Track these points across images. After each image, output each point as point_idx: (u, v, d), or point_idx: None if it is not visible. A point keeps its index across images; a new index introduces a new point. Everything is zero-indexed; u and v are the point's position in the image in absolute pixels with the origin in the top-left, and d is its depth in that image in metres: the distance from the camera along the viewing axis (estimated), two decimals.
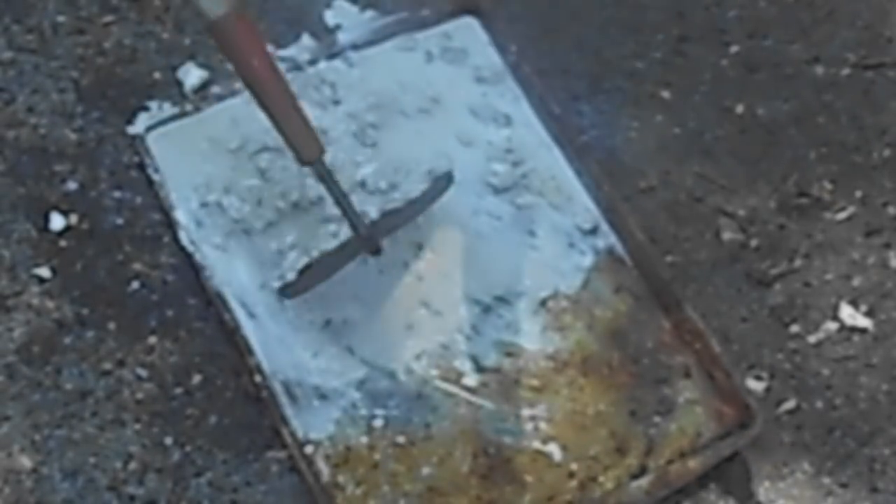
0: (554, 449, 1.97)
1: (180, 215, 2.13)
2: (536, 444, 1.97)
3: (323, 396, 2.01)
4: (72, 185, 2.19)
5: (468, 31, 2.31)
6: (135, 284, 2.12)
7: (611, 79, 2.33)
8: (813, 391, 2.08)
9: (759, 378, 2.09)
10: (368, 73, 2.26)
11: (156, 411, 2.03)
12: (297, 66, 2.25)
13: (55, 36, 2.32)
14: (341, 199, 1.99)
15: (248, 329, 2.05)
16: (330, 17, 2.33)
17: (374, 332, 2.05)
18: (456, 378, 2.00)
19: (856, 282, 2.17)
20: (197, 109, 2.23)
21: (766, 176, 2.26)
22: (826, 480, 2.02)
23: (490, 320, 2.06)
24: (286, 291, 2.04)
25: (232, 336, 2.05)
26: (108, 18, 2.35)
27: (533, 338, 2.05)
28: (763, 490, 2.01)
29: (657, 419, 2.00)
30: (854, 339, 2.12)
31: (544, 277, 2.09)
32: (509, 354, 2.03)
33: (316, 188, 2.13)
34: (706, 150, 2.28)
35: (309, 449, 1.97)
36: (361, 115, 2.21)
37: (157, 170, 2.17)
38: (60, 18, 2.34)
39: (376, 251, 2.06)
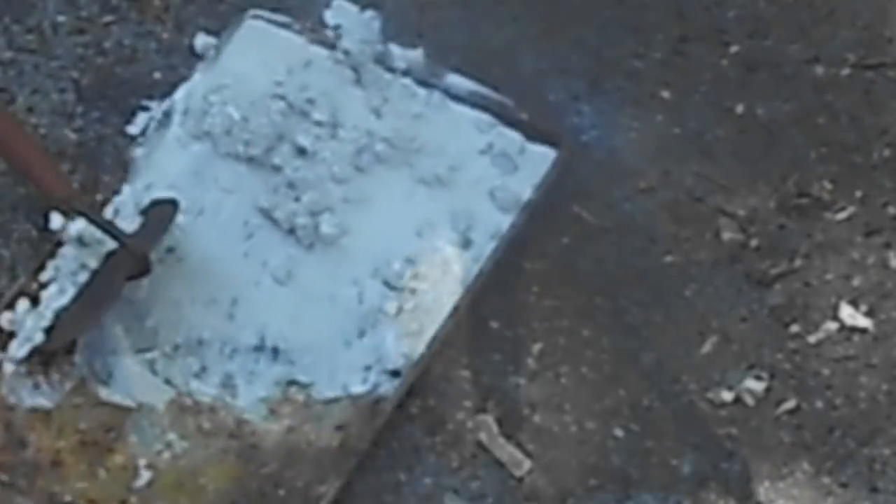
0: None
1: (181, 91, 2.20)
2: None
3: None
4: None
5: (540, 158, 2.21)
6: None
7: (611, 79, 2.33)
8: (813, 391, 2.08)
9: (759, 378, 2.09)
10: (426, 117, 2.23)
11: None
12: (389, 69, 2.25)
13: (55, 36, 2.32)
14: (105, 224, 1.99)
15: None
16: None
17: (127, 314, 2.05)
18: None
19: (856, 282, 2.17)
20: (296, 32, 2.27)
21: (766, 176, 2.26)
22: (826, 480, 2.02)
23: (178, 362, 2.03)
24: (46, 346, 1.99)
25: None
26: (108, 18, 2.35)
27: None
28: (763, 490, 2.01)
29: None
30: (854, 339, 2.12)
31: (275, 372, 2.04)
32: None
33: (282, 155, 2.15)
34: (706, 150, 2.28)
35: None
36: (376, 139, 2.19)
37: (216, 43, 2.26)
38: (60, 18, 2.34)
39: (147, 269, 2.01)
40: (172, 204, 2.07)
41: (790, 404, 2.07)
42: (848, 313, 2.14)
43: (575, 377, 2.09)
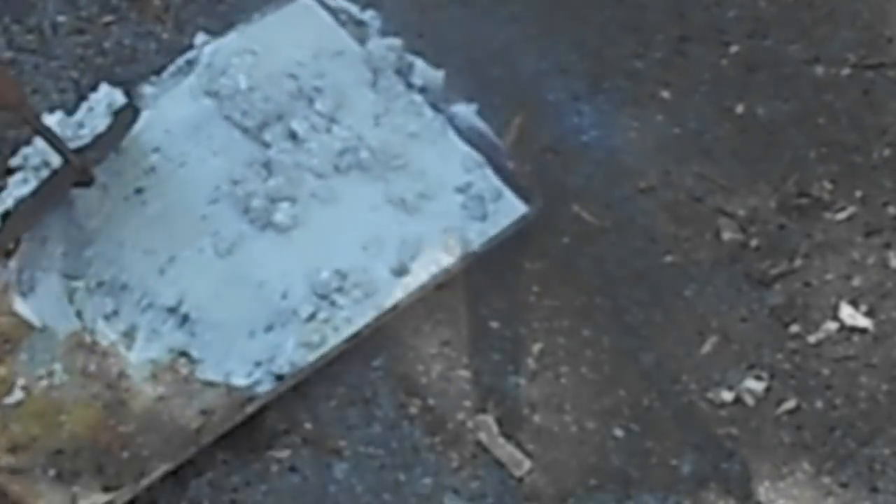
0: None
1: (212, 46, 2.24)
2: None
3: None
4: None
5: (510, 210, 2.18)
6: None
7: (611, 79, 2.33)
8: (813, 391, 2.08)
9: (759, 378, 2.09)
10: (420, 139, 2.22)
11: None
12: (407, 82, 2.25)
13: (55, 36, 2.32)
14: (49, 136, 2.02)
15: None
16: None
17: (73, 238, 2.09)
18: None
19: (856, 282, 2.17)
20: (340, 22, 2.29)
21: (766, 176, 2.26)
22: (826, 480, 2.02)
23: (95, 299, 2.06)
24: None
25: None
26: (108, 18, 2.35)
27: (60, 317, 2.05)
28: (763, 490, 2.01)
29: None
30: (854, 339, 2.12)
31: (174, 338, 2.05)
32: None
33: (273, 134, 2.16)
34: (706, 150, 2.28)
35: None
36: (363, 145, 2.18)
37: (265, 10, 2.29)
38: (60, 18, 2.34)
39: (90, 181, 2.07)
40: (135, 112, 2.13)
41: (790, 404, 2.07)
42: (848, 313, 2.14)
43: (575, 377, 2.09)
